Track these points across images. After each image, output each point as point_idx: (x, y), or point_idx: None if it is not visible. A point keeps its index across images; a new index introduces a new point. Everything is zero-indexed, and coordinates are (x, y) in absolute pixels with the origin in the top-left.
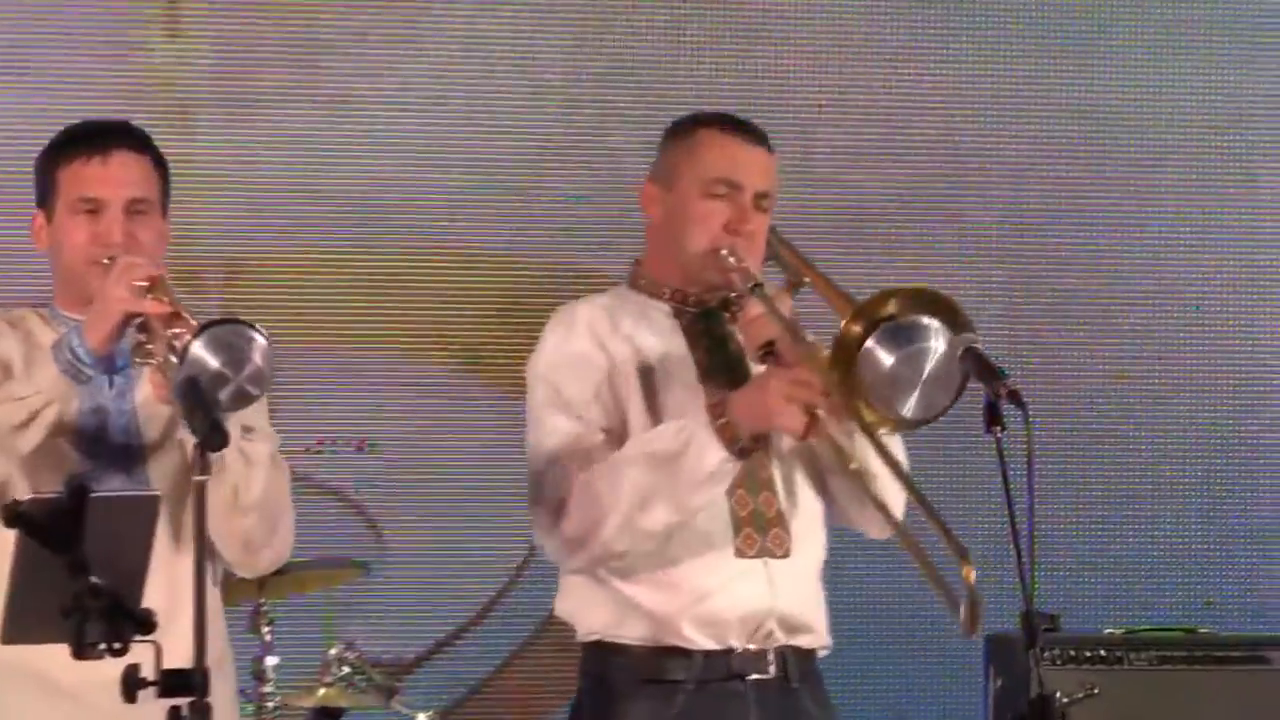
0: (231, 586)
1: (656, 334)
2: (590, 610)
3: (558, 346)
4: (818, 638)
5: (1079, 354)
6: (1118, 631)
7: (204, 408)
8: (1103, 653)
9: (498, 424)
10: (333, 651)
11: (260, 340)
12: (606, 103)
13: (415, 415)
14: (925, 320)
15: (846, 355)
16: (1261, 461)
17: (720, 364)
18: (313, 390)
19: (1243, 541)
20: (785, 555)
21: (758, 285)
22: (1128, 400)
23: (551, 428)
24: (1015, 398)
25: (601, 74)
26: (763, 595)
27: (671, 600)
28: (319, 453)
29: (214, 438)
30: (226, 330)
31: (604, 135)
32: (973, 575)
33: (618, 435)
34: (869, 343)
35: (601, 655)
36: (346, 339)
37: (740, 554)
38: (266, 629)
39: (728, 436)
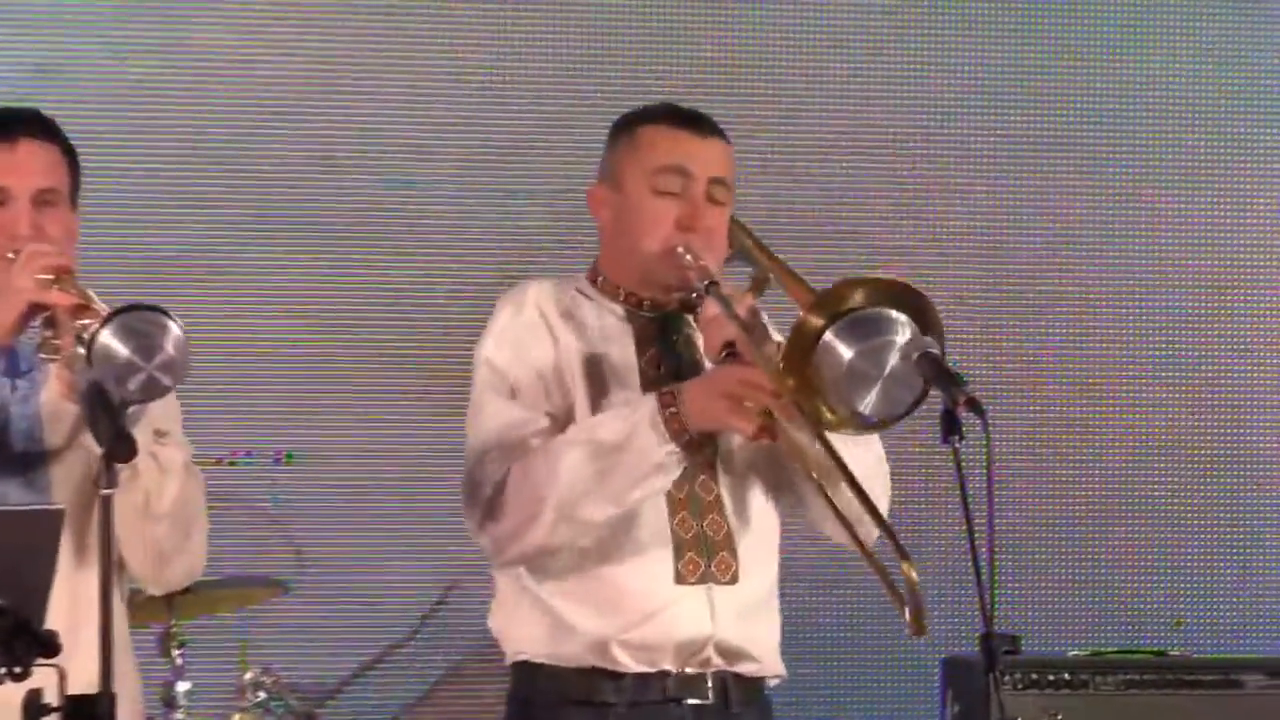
0: (139, 606)
1: (606, 335)
2: (521, 627)
3: (505, 326)
4: (764, 666)
5: (1052, 360)
6: (1083, 654)
7: (110, 414)
8: (1067, 676)
9: (427, 433)
10: (248, 676)
11: (174, 328)
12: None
13: (338, 424)
14: (890, 313)
15: (803, 348)
16: (1237, 477)
17: (674, 371)
18: (227, 398)
19: (1216, 559)
20: (732, 581)
21: (712, 284)
22: (1097, 411)
23: (492, 411)
24: (973, 406)
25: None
26: (702, 623)
27: (606, 623)
28: (234, 464)
29: (120, 448)
30: (137, 317)
31: (545, 134)
32: (913, 573)
33: (562, 422)
34: (828, 335)
35: (529, 676)
36: (263, 342)
37: (681, 579)
38: (177, 652)
39: (675, 428)
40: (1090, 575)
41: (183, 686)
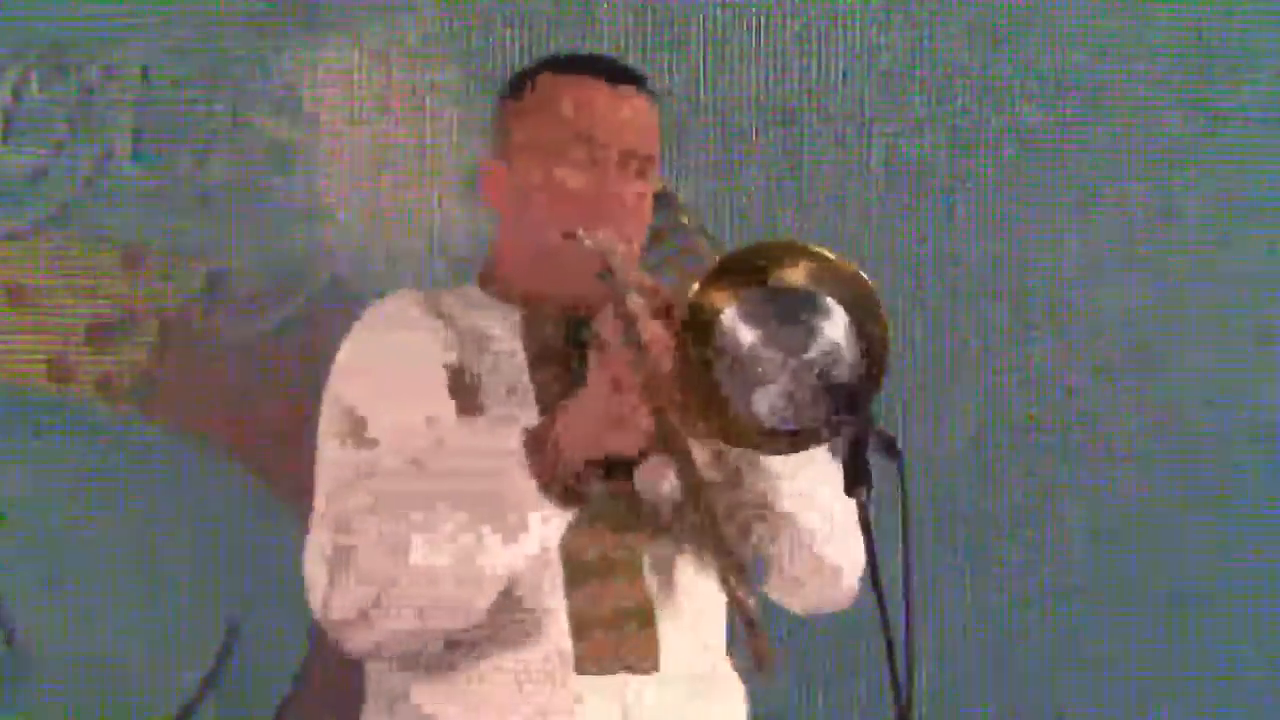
0: None
1: (496, 347)
2: None
3: (355, 353)
4: None
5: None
6: None
7: None
8: None
9: (175, 482)
10: None
11: None
12: None
13: (60, 472)
14: (817, 296)
15: (700, 333)
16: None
17: (576, 389)
18: None
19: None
20: (653, 668)
21: (607, 272)
22: (1045, 444)
23: (335, 459)
24: (887, 446)
25: None
26: None
27: None
28: None
29: None
30: None
31: None
32: (749, 604)
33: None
34: (727, 314)
35: None
36: None
37: (584, 668)
38: None
39: (546, 473)
40: (1043, 651)
41: None
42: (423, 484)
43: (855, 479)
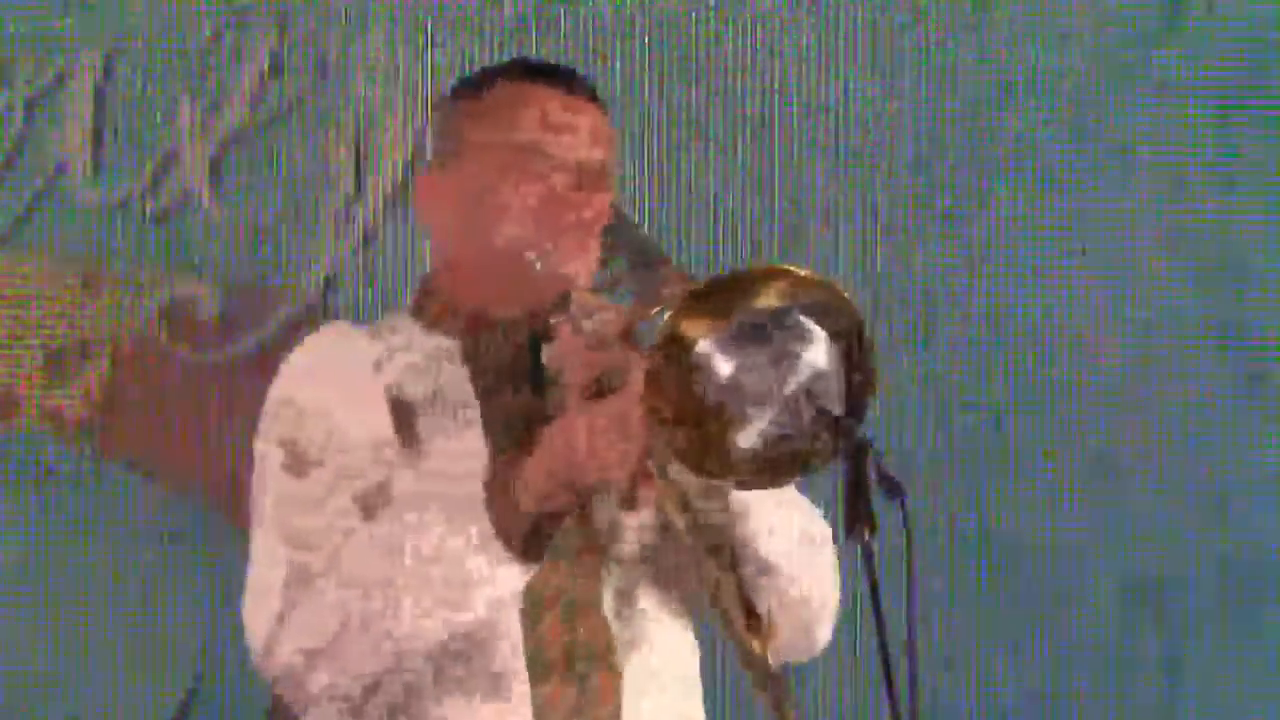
0: None
1: (439, 380)
2: None
3: (297, 381)
4: None
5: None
6: None
7: None
8: None
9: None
10: None
11: None
12: None
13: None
14: (801, 320)
15: (675, 367)
16: None
17: (530, 423)
18: None
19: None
20: (614, 714)
21: (565, 297)
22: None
23: (276, 498)
24: (890, 485)
25: None
26: None
27: None
28: None
29: None
30: None
31: None
32: (766, 656)
33: (373, 507)
34: (703, 345)
35: None
36: None
37: (543, 713)
38: None
39: (505, 527)
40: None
41: None
42: (382, 523)
43: (855, 520)
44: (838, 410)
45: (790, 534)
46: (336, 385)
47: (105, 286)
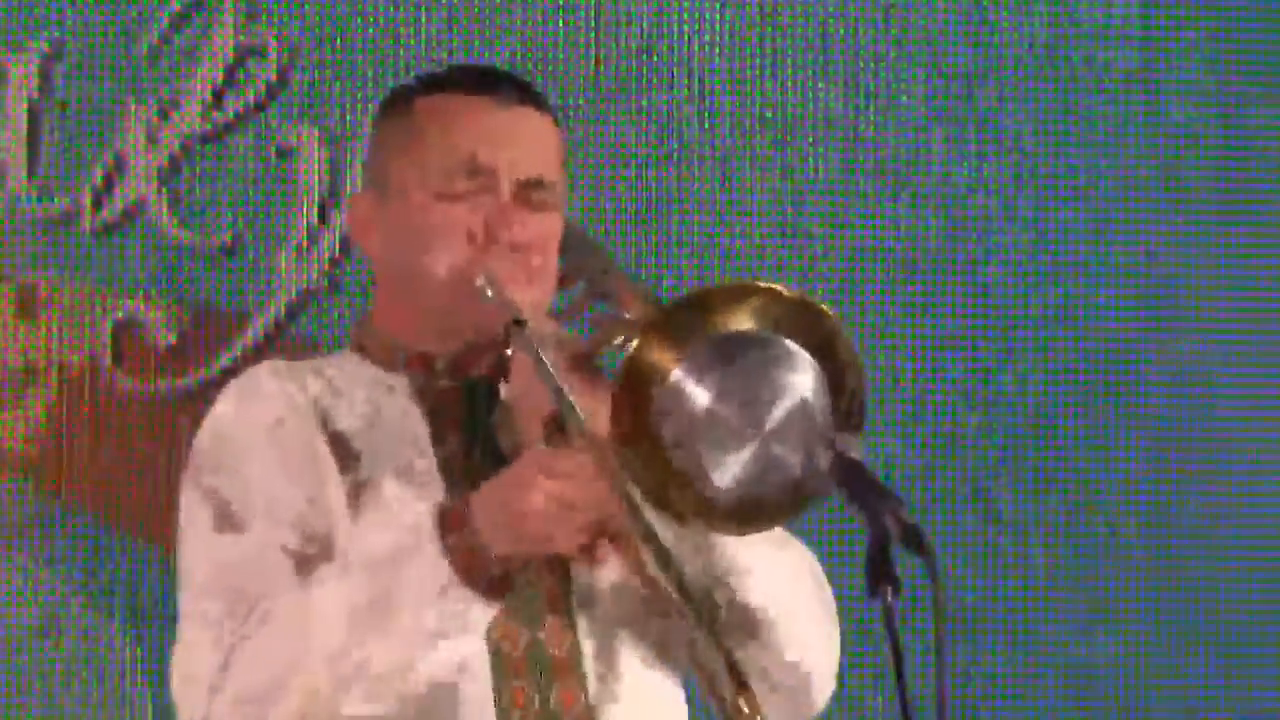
0: None
1: (386, 421)
2: None
3: (226, 429)
4: None
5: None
6: None
7: None
8: None
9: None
10: None
11: None
12: None
13: None
14: (774, 338)
15: (640, 397)
16: None
17: (493, 464)
18: None
19: None
20: None
21: (517, 324)
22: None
23: (207, 552)
24: (914, 539)
25: None
26: None
27: None
28: None
29: None
30: None
31: None
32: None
33: (322, 549)
34: (675, 373)
35: None
36: None
37: None
38: None
39: (465, 564)
40: None
41: None
42: (322, 572)
43: (879, 578)
44: (830, 433)
45: (783, 590)
46: (267, 433)
47: (42, 309)
